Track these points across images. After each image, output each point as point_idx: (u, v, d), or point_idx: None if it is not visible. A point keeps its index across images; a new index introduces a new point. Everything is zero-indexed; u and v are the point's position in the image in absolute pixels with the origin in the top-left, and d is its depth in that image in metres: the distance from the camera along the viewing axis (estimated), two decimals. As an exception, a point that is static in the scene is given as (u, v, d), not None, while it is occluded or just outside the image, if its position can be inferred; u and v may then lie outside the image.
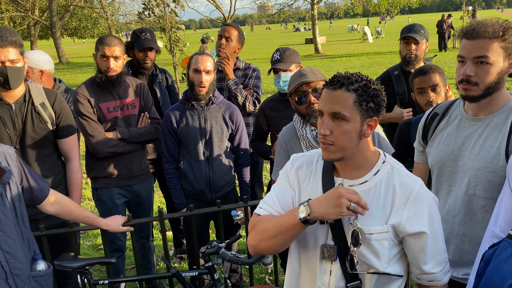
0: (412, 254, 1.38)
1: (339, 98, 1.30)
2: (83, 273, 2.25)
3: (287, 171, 1.51)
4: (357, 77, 1.33)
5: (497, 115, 1.61)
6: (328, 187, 1.39)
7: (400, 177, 1.37)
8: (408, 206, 1.33)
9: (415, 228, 1.32)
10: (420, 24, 2.99)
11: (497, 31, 1.49)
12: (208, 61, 2.65)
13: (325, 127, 1.32)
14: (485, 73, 1.52)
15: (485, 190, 1.62)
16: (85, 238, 4.42)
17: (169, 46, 9.73)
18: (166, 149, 2.80)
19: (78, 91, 2.74)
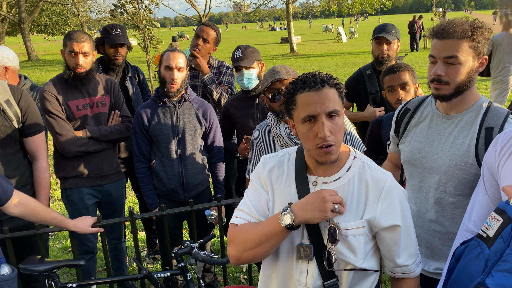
0: (386, 247, 1.39)
1: (329, 96, 1.28)
2: (50, 277, 2.17)
3: (258, 173, 1.48)
4: (323, 73, 1.34)
5: (467, 113, 1.64)
6: (302, 186, 1.38)
7: (371, 172, 1.38)
8: (381, 200, 1.34)
9: (389, 222, 1.34)
10: (392, 24, 3.04)
11: (466, 31, 1.51)
12: (180, 57, 2.61)
13: (326, 129, 1.27)
14: (455, 72, 1.54)
15: (455, 187, 1.64)
16: (54, 240, 4.29)
17: (143, 44, 9.59)
18: (137, 147, 2.74)
19: (45, 89, 2.64)
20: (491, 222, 1.14)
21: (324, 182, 1.38)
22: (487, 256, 1.13)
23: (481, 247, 1.16)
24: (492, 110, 1.61)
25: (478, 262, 1.16)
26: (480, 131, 1.59)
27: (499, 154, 1.29)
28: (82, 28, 29.74)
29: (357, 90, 3.12)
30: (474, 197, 1.42)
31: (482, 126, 1.60)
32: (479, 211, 1.38)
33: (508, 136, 1.30)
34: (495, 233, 1.12)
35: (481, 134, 1.59)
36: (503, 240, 1.09)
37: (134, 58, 22.18)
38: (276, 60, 19.84)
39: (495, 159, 1.31)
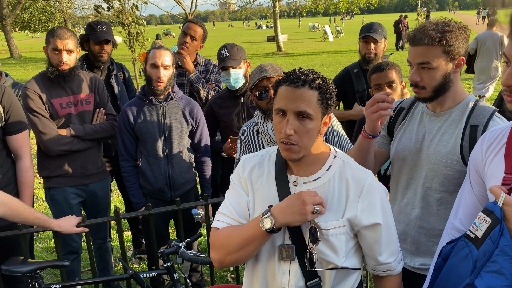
0: (368, 246, 1.39)
1: (304, 97, 1.26)
2: (34, 278, 2.13)
3: (238, 174, 1.47)
4: (316, 74, 1.31)
5: (455, 111, 1.67)
6: (282, 186, 1.38)
7: (351, 170, 1.37)
8: (362, 198, 1.34)
9: (370, 220, 1.34)
10: (378, 23, 3.05)
11: (434, 38, 1.53)
12: (166, 55, 2.57)
13: (290, 127, 1.27)
14: (429, 77, 1.58)
15: (440, 183, 1.67)
16: (38, 240, 4.21)
17: (128, 41, 9.49)
18: (122, 146, 2.71)
19: (28, 86, 2.59)
20: (479, 223, 1.14)
21: (304, 182, 1.37)
22: (476, 257, 1.13)
23: (469, 247, 1.16)
24: (478, 108, 1.63)
25: (466, 262, 1.16)
26: (466, 129, 1.62)
27: (485, 153, 1.30)
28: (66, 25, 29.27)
29: (345, 89, 3.13)
30: (460, 195, 1.43)
31: (467, 123, 1.62)
32: (466, 209, 1.38)
33: (494, 134, 1.30)
34: (484, 234, 1.12)
35: (466, 131, 1.61)
36: (492, 241, 1.09)
37: (120, 55, 21.93)
38: (263, 58, 19.83)
39: (481, 157, 1.31)
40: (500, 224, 1.09)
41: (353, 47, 22.49)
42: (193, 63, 3.33)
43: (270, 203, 1.38)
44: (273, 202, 1.38)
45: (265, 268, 1.41)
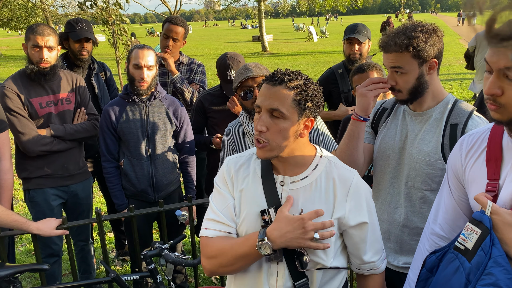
0: (354, 245, 1.40)
1: (278, 95, 1.27)
2: (12, 282, 2.07)
3: (223, 176, 1.45)
4: (297, 75, 1.31)
5: (435, 110, 1.70)
6: (269, 186, 1.37)
7: (337, 170, 1.38)
8: (349, 198, 1.35)
9: (357, 219, 1.35)
10: (363, 24, 3.07)
11: (401, 45, 1.57)
12: (149, 55, 2.52)
13: (262, 123, 1.28)
14: (403, 81, 1.62)
15: (423, 182, 1.69)
16: (17, 243, 4.11)
17: (112, 40, 9.36)
18: (105, 146, 2.65)
19: (6, 85, 2.52)
20: (468, 234, 1.11)
21: (291, 181, 1.37)
22: (469, 270, 1.09)
23: (460, 260, 1.13)
24: (458, 107, 1.67)
25: (458, 276, 1.12)
26: (446, 128, 1.65)
27: (465, 158, 1.28)
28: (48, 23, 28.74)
29: (329, 89, 3.13)
30: (439, 198, 1.42)
31: (447, 122, 1.66)
32: (445, 214, 1.37)
33: (473, 138, 1.29)
34: (474, 245, 1.09)
35: (446, 130, 1.65)
36: (484, 252, 1.06)
37: (102, 54, 21.64)
38: (248, 58, 19.80)
39: (461, 163, 1.30)
40: (490, 234, 1.06)
41: (338, 48, 22.65)
42: (176, 62, 3.29)
43: (256, 204, 1.37)
44: (259, 202, 1.37)
45: (251, 269, 1.39)
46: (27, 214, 4.70)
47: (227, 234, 1.38)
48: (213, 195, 1.46)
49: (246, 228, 1.37)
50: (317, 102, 1.32)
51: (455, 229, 1.35)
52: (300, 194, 1.36)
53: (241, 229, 1.38)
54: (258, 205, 1.37)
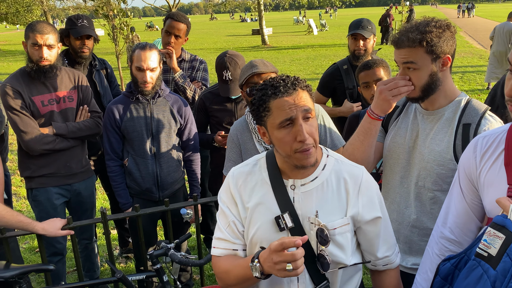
0: (368, 241, 1.39)
1: (303, 98, 1.26)
2: (17, 283, 2.05)
3: (228, 188, 1.42)
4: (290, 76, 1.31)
5: (447, 110, 1.66)
6: (280, 192, 1.35)
7: (346, 167, 1.38)
8: (361, 194, 1.35)
9: (372, 214, 1.35)
10: (367, 19, 3.02)
11: (414, 40, 1.53)
12: (152, 56, 2.45)
13: (306, 132, 1.25)
14: (416, 77, 1.58)
15: (433, 182, 1.66)
16: (20, 240, 4.10)
17: (112, 35, 9.29)
18: (108, 145, 2.62)
19: (7, 83, 2.49)
20: (491, 239, 1.07)
21: (302, 184, 1.35)
22: (494, 277, 1.05)
23: (483, 267, 1.09)
24: (470, 107, 1.63)
25: (482, 284, 1.08)
26: (458, 127, 1.62)
27: (480, 161, 1.24)
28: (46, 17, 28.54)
29: (334, 85, 3.10)
30: (449, 201, 1.38)
31: (460, 122, 1.62)
32: (456, 218, 1.33)
33: (488, 141, 1.25)
34: (499, 251, 1.05)
35: (458, 130, 1.62)
36: (510, 258, 1.02)
37: (102, 49, 21.53)
38: (248, 52, 19.72)
39: (475, 166, 1.26)
40: None
41: (338, 41, 22.55)
42: (178, 59, 3.25)
43: (270, 211, 1.34)
44: (273, 209, 1.35)
45: (272, 278, 1.35)
46: (30, 212, 4.68)
47: (233, 251, 1.39)
48: (218, 212, 1.44)
49: (262, 237, 1.34)
50: None
51: (466, 233, 1.32)
52: (313, 196, 1.34)
53: (255, 238, 1.35)
54: (272, 212, 1.34)
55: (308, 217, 1.32)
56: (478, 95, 8.88)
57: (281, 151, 1.30)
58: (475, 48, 16.89)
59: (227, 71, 2.62)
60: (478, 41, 19.38)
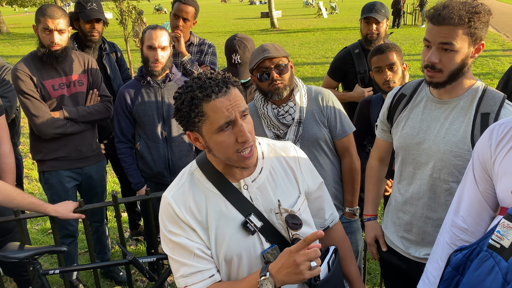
0: (317, 206, 1.47)
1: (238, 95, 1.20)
2: (31, 264, 2.10)
3: (173, 217, 1.25)
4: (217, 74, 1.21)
5: (463, 98, 1.59)
6: (234, 197, 1.27)
7: (277, 147, 1.40)
8: (302, 167, 1.40)
9: (317, 182, 1.44)
10: (380, 2, 2.96)
11: (463, 17, 1.42)
12: (163, 35, 2.48)
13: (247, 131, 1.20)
14: (449, 60, 1.48)
15: (450, 173, 1.61)
16: (33, 222, 4.18)
17: (120, 18, 9.25)
18: (119, 128, 2.65)
19: (18, 67, 2.50)
20: (504, 231, 1.05)
21: (253, 180, 1.32)
22: (506, 269, 1.03)
23: (495, 259, 1.07)
24: (488, 95, 1.56)
25: (493, 276, 1.06)
26: (476, 117, 1.55)
27: (495, 149, 1.22)
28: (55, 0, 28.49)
29: (345, 70, 3.06)
30: (462, 189, 1.36)
31: (477, 111, 1.55)
32: (469, 207, 1.32)
33: (504, 128, 1.22)
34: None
35: (476, 119, 1.55)
36: None
37: (110, 32, 21.47)
38: (257, 35, 19.53)
39: (490, 154, 1.23)
40: None
41: (348, 24, 22.22)
42: (186, 42, 3.24)
43: (233, 221, 1.27)
44: (235, 218, 1.27)
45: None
46: (42, 194, 4.76)
47: (211, 278, 1.27)
48: (170, 250, 1.27)
49: (235, 249, 1.26)
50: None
51: (478, 222, 1.30)
52: (267, 187, 1.32)
53: (228, 254, 1.26)
54: (235, 221, 1.27)
55: (271, 209, 1.30)
56: (491, 80, 8.74)
57: (221, 155, 1.21)
58: (489, 32, 16.55)
59: (236, 55, 2.60)
60: (492, 24, 18.97)
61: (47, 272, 2.16)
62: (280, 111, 2.09)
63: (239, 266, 1.29)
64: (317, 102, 2.11)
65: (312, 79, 9.79)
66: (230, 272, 1.30)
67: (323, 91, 2.14)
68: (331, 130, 2.13)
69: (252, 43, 2.67)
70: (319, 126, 2.09)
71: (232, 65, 2.63)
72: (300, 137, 2.08)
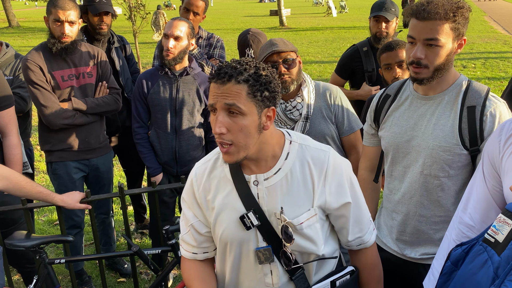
0: (339, 225, 1.36)
1: (230, 91, 1.16)
2: (37, 252, 2.13)
3: (191, 187, 1.37)
4: (245, 65, 1.20)
5: (448, 93, 1.60)
6: (243, 189, 1.29)
7: (310, 152, 1.30)
8: (328, 181, 1.29)
9: (340, 201, 1.30)
10: (390, 0, 2.94)
11: (448, 12, 1.44)
12: (181, 26, 2.51)
13: (220, 125, 1.17)
14: (434, 55, 1.50)
15: (440, 169, 1.60)
16: (40, 213, 4.22)
17: (129, 13, 9.30)
18: (136, 113, 2.72)
19: (29, 58, 2.52)
20: (500, 226, 1.05)
21: (265, 178, 1.28)
22: (497, 264, 1.03)
23: (489, 253, 1.07)
24: (472, 89, 1.58)
25: (485, 270, 1.06)
26: (462, 110, 1.56)
27: (504, 145, 1.21)
28: (65, -6, 28.60)
29: (353, 68, 3.05)
30: (471, 186, 1.35)
31: (463, 105, 1.56)
32: (477, 203, 1.30)
33: None
34: (506, 238, 1.02)
35: (463, 113, 1.56)
36: None
37: (119, 27, 21.55)
38: (265, 33, 19.44)
39: (499, 150, 1.22)
40: None
41: (357, 23, 22.12)
42: (195, 36, 3.24)
43: (235, 210, 1.30)
44: (237, 208, 1.30)
45: (246, 273, 1.35)
46: (49, 185, 4.80)
47: (192, 255, 1.41)
48: (181, 213, 1.44)
49: (230, 236, 1.31)
50: (273, 88, 1.21)
51: (485, 220, 1.29)
52: (277, 190, 1.28)
53: (223, 238, 1.32)
54: (237, 211, 1.29)
55: (274, 213, 1.28)
56: (501, 82, 8.66)
57: None
58: (499, 33, 16.39)
59: (250, 49, 2.61)
60: (503, 26, 18.79)
61: (53, 262, 2.18)
62: (288, 106, 2.10)
63: (230, 252, 1.34)
64: (325, 98, 2.10)
65: (320, 77, 9.77)
66: (223, 254, 1.37)
67: (331, 87, 2.14)
68: (338, 126, 2.12)
69: (265, 38, 2.67)
70: (327, 122, 2.09)
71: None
72: (307, 133, 2.08)
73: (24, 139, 2.98)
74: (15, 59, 2.92)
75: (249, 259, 1.33)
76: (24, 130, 3.03)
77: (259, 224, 1.27)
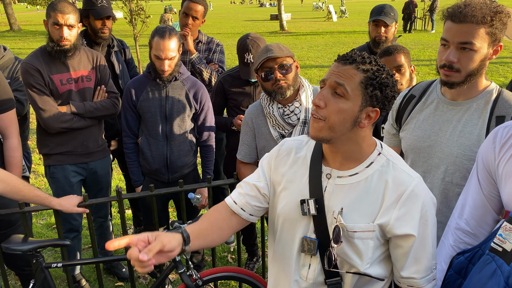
0: (395, 256, 1.27)
1: (346, 73, 1.17)
2: (34, 256, 2.12)
3: (273, 156, 1.41)
4: (372, 60, 1.20)
5: (476, 100, 1.55)
6: (314, 177, 1.29)
7: (395, 172, 1.23)
8: (400, 205, 1.20)
9: (403, 230, 1.20)
10: (390, 5, 2.96)
11: (486, 16, 1.39)
12: (171, 45, 2.44)
13: (321, 97, 1.18)
14: (468, 60, 1.44)
15: (463, 177, 1.56)
16: (38, 216, 4.21)
17: (130, 17, 9.32)
18: (125, 122, 2.68)
19: (27, 61, 2.52)
20: (506, 234, 1.03)
21: (339, 176, 1.26)
22: (508, 273, 1.01)
23: (497, 262, 1.05)
24: (503, 98, 1.52)
25: (496, 280, 1.04)
26: (491, 120, 1.50)
27: (499, 152, 1.20)
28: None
29: None
30: (466, 192, 1.34)
31: (492, 114, 1.51)
32: (473, 210, 1.30)
33: (508, 132, 1.20)
34: None
35: (491, 122, 1.50)
36: None
37: (120, 31, 21.61)
38: (266, 37, 19.55)
39: (494, 156, 1.22)
40: None
41: (357, 28, 22.17)
42: (195, 41, 3.25)
43: (300, 192, 1.31)
44: (302, 192, 1.30)
45: (287, 257, 1.35)
46: (47, 189, 4.79)
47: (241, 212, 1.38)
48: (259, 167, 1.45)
49: (285, 214, 1.33)
50: (387, 93, 1.18)
51: (482, 225, 1.29)
52: (344, 191, 1.25)
53: (279, 213, 1.35)
54: (301, 194, 1.30)
55: (333, 211, 1.25)
56: (500, 87, 8.67)
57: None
58: (499, 38, 16.40)
59: (249, 54, 2.60)
60: (502, 31, 18.79)
61: (50, 266, 2.17)
62: (286, 111, 2.09)
63: (280, 229, 1.37)
64: (323, 103, 2.10)
65: (320, 82, 9.77)
66: (272, 229, 1.42)
67: (329, 92, 2.13)
68: None
69: (264, 42, 2.67)
70: (324, 127, 2.08)
71: (244, 64, 2.64)
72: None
73: (22, 142, 2.98)
74: (14, 62, 2.92)
75: (293, 243, 1.33)
76: (21, 133, 3.02)
77: (315, 215, 1.27)
